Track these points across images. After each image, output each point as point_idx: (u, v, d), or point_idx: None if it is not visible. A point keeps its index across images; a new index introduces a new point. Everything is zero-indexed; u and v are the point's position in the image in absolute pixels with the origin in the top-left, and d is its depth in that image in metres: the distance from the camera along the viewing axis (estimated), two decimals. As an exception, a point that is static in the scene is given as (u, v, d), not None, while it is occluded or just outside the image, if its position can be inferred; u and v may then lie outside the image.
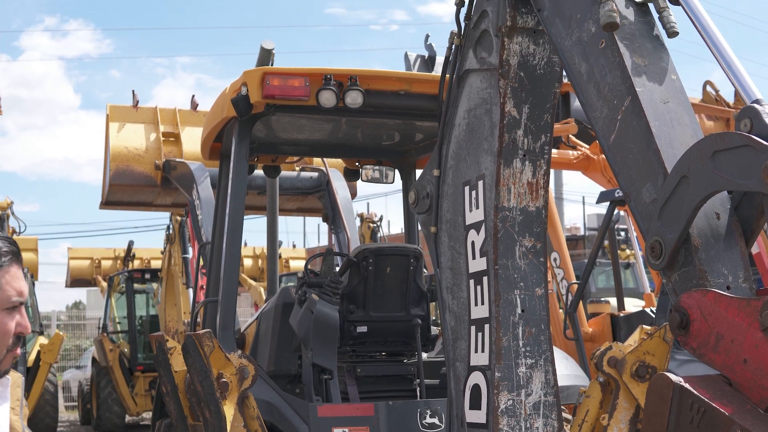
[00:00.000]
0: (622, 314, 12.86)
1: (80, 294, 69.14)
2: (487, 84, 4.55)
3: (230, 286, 7.17)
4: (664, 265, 3.36)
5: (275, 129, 8.08)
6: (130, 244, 23.80)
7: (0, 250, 3.28)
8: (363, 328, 7.33)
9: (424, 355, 7.53)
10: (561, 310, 12.89)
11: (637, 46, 3.72)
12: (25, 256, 23.00)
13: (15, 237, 20.72)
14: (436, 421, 6.71)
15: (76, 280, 27.49)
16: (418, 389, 7.39)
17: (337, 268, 7.70)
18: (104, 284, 24.29)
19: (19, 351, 3.34)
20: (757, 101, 3.22)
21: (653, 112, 3.56)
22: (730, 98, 15.06)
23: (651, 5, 3.84)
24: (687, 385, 3.08)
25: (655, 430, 3.17)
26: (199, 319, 8.46)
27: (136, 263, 24.52)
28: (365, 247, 7.52)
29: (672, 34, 3.75)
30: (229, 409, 5.98)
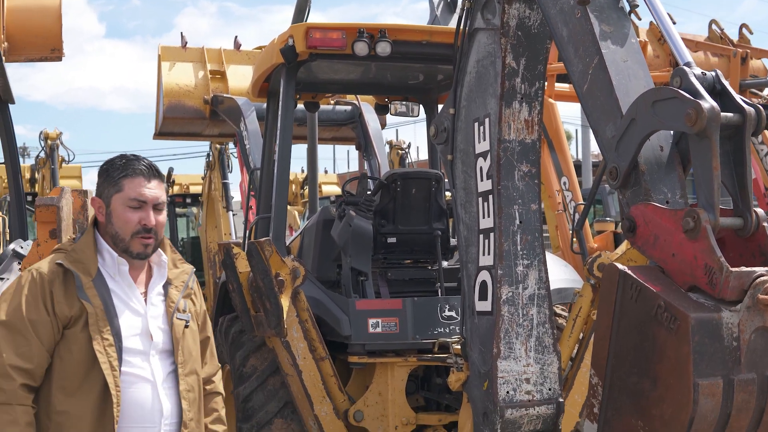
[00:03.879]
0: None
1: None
2: (491, 40, 5.01)
3: (281, 204, 7.84)
4: (619, 185, 3.97)
5: (315, 72, 8.69)
6: (170, 170, 23.14)
7: (132, 164, 4.33)
8: (392, 239, 7.98)
9: (444, 263, 8.14)
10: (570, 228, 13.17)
11: (605, 17, 4.27)
12: (70, 183, 23.11)
13: (64, 165, 20.89)
14: (453, 314, 7.37)
15: None
16: (438, 290, 8.00)
17: (370, 191, 8.33)
18: (147, 208, 24.36)
19: (149, 240, 4.29)
20: (687, 64, 3.84)
21: (615, 68, 4.13)
22: (734, 36, 15.17)
23: (619, -15, 4.40)
24: (629, 272, 3.72)
25: (607, 305, 3.80)
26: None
27: (176, 189, 24.18)
28: (394, 171, 8.11)
29: (633, 7, 4.37)
30: (285, 302, 6.74)
